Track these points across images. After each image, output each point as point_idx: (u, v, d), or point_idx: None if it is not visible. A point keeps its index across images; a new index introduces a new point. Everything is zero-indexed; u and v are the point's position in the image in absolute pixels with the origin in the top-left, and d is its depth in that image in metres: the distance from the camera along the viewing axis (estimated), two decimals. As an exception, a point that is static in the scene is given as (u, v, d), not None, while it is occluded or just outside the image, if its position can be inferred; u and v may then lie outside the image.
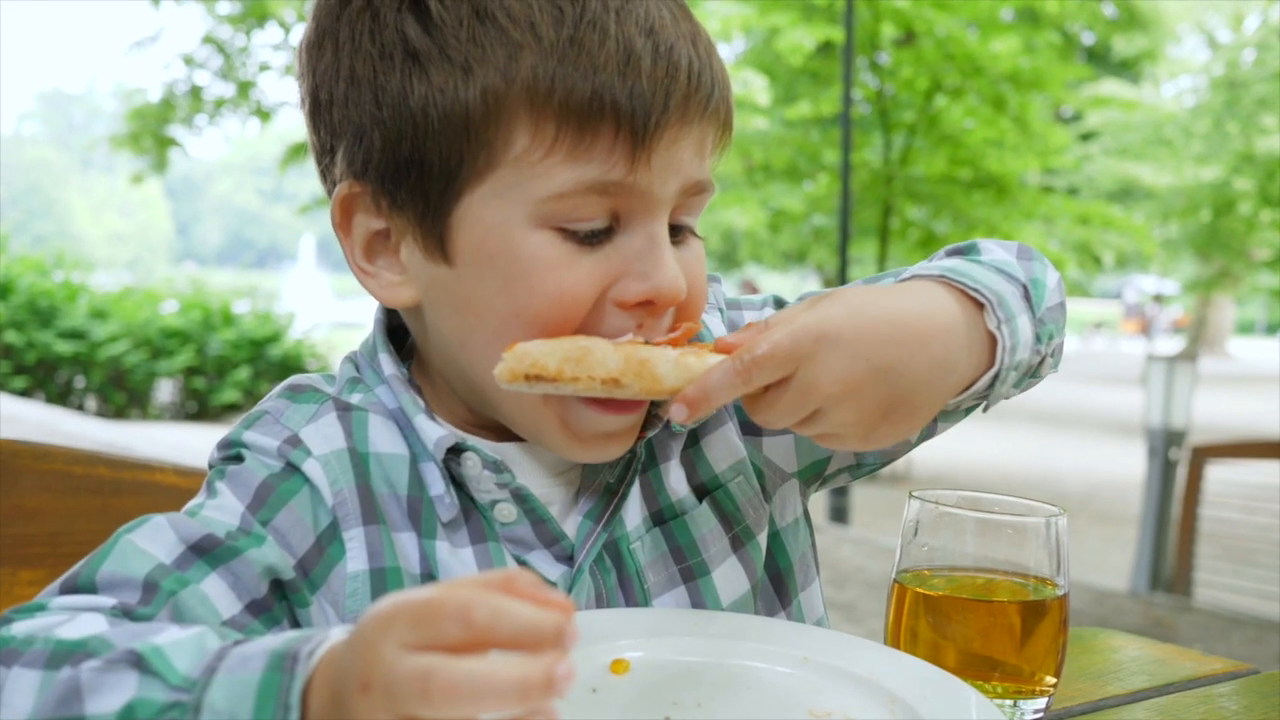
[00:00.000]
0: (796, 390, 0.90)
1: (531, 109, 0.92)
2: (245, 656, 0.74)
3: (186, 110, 13.31)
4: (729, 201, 14.12)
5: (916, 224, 13.81)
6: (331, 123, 0.99)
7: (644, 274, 0.95)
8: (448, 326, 1.01)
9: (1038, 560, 1.03)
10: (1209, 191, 18.85)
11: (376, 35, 0.96)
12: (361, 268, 1.02)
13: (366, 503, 1.01)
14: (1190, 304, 34.35)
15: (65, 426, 9.65)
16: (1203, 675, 1.19)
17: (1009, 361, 0.99)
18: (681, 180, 0.97)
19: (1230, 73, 18.48)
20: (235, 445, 1.03)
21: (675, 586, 1.09)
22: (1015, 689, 1.01)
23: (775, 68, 14.08)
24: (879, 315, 0.92)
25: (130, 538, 0.92)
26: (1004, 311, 0.98)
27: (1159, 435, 6.72)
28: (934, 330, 0.94)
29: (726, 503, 1.12)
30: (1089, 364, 30.48)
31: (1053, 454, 13.27)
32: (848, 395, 0.90)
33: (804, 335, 0.89)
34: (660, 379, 0.89)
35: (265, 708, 0.71)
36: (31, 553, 1.37)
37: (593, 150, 0.92)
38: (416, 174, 0.95)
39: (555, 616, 0.62)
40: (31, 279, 12.76)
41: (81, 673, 0.77)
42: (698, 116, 0.96)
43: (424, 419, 1.02)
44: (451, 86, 0.92)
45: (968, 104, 13.09)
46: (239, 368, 12.90)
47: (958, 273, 0.99)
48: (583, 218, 0.94)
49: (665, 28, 0.95)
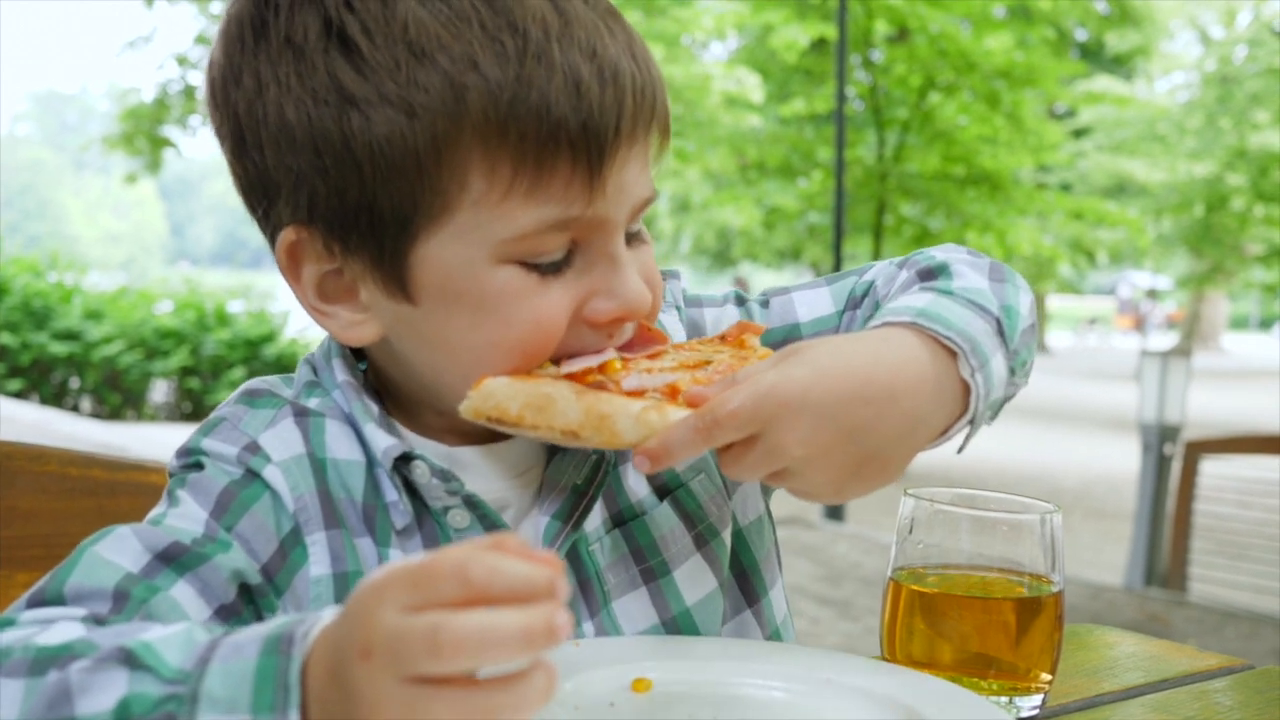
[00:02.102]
0: (762, 451, 0.88)
1: (485, 151, 0.89)
2: (238, 644, 0.74)
3: (180, 110, 13.29)
4: (723, 199, 14.13)
5: (911, 221, 13.82)
6: (263, 165, 0.94)
7: (611, 292, 0.95)
8: (419, 360, 1.00)
9: (1033, 557, 1.03)
10: (1202, 187, 18.89)
11: (306, 78, 0.90)
12: (317, 308, 0.98)
13: (327, 507, 1.00)
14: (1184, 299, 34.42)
15: (61, 428, 9.63)
16: (1197, 671, 1.19)
17: (982, 408, 0.97)
18: (633, 201, 0.96)
19: (1223, 68, 18.52)
20: (194, 453, 1.01)
21: (636, 588, 1.08)
22: (1011, 686, 1.01)
23: (769, 65, 14.10)
24: (847, 374, 0.90)
25: (95, 549, 0.91)
26: (977, 358, 0.95)
27: (1153, 430, 6.73)
28: (904, 386, 0.92)
29: (688, 501, 1.11)
30: (1083, 360, 30.52)
31: (1047, 450, 13.28)
32: (816, 457, 0.89)
33: (768, 399, 0.87)
34: (619, 434, 0.87)
35: (264, 692, 0.71)
36: (27, 555, 1.36)
37: (551, 186, 0.90)
38: (367, 220, 0.92)
39: (547, 570, 0.64)
40: (26, 280, 12.73)
41: (70, 674, 0.77)
42: (644, 133, 0.95)
43: (374, 427, 1.01)
44: (397, 132, 0.88)
45: (961, 100, 13.10)
46: (234, 368, 12.87)
47: (929, 317, 0.96)
48: (544, 252, 0.93)
49: (606, 47, 0.92)
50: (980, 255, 1.11)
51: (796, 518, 8.39)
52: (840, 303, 1.16)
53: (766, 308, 1.18)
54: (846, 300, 1.16)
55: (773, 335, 1.16)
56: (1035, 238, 13.76)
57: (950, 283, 1.04)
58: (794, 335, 1.16)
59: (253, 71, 0.93)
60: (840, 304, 1.16)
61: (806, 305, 1.17)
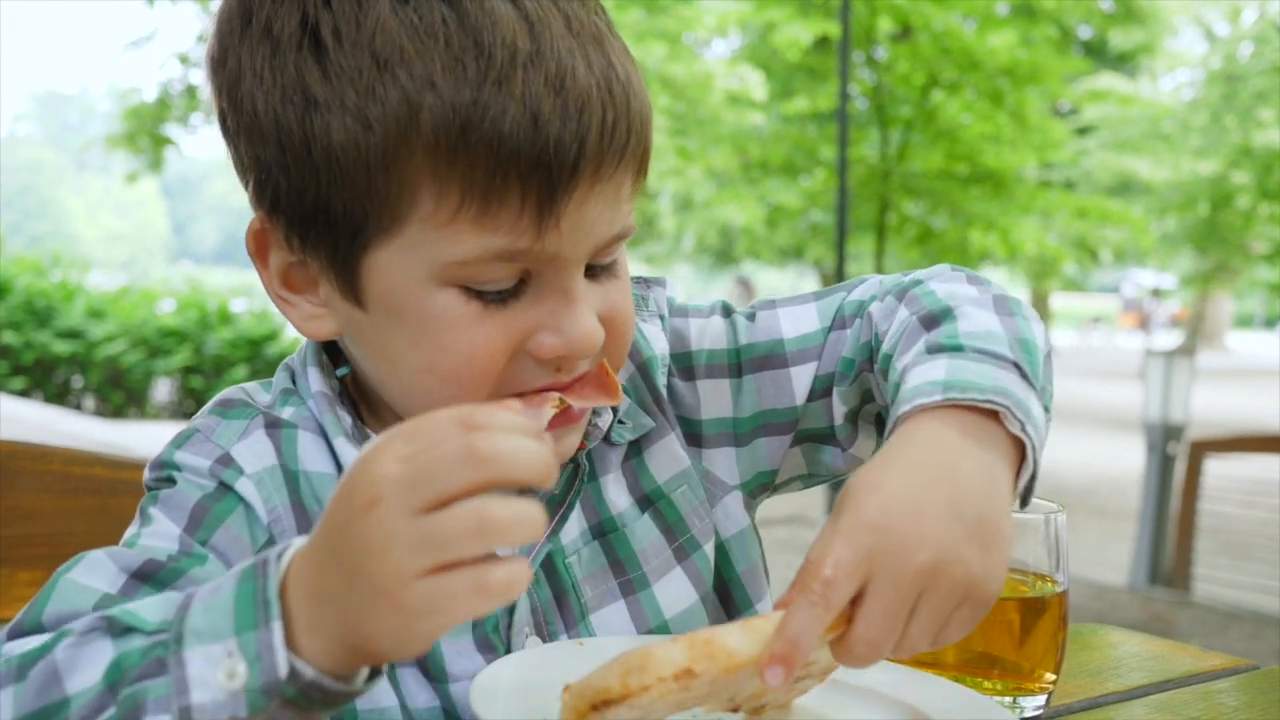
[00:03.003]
0: (881, 589, 0.79)
1: (434, 171, 0.86)
2: (215, 586, 0.77)
3: (182, 109, 13.27)
4: (725, 198, 14.11)
5: (914, 219, 13.81)
6: (240, 150, 0.95)
7: (559, 329, 0.92)
8: (368, 365, 1.00)
9: (1037, 557, 1.03)
10: (1207, 185, 18.84)
11: (277, 74, 0.89)
12: (281, 296, 0.98)
13: (301, 519, 0.99)
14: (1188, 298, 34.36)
15: (64, 426, 9.64)
16: (1201, 671, 1.19)
17: (1039, 458, 0.92)
18: (593, 241, 0.92)
19: (1228, 66, 18.47)
20: (167, 466, 1.00)
21: (615, 600, 1.07)
22: (1015, 686, 1.01)
23: (772, 63, 14.07)
24: (905, 469, 0.85)
25: (69, 577, 0.90)
26: (1021, 412, 0.90)
27: (1157, 430, 6.72)
28: (956, 452, 0.87)
29: (670, 513, 1.11)
30: (1087, 359, 30.48)
31: (1051, 449, 13.19)
32: (933, 551, 0.80)
33: (858, 529, 0.80)
34: (734, 652, 0.78)
35: (245, 614, 0.74)
36: (30, 554, 1.37)
37: (499, 218, 0.87)
38: (324, 222, 0.91)
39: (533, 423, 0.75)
40: (28, 279, 12.73)
41: (56, 656, 0.78)
42: (610, 171, 0.90)
43: (343, 441, 1.00)
44: (352, 141, 0.87)
45: (965, 99, 13.07)
46: (236, 366, 12.88)
47: (957, 388, 0.90)
48: (490, 280, 0.90)
49: (578, 80, 0.87)
50: (981, 281, 1.07)
51: (798, 516, 8.38)
52: (827, 320, 1.14)
53: (753, 321, 1.16)
54: (833, 318, 1.13)
55: (756, 350, 1.14)
56: (1039, 236, 13.74)
57: (957, 330, 0.98)
58: (778, 351, 1.14)
59: (236, 56, 0.93)
60: (827, 321, 1.14)
61: (792, 321, 1.15)
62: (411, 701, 0.99)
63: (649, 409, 1.13)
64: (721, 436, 1.15)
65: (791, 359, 1.13)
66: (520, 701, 0.89)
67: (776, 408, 1.14)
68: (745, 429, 1.15)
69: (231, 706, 0.73)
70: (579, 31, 0.90)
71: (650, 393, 1.13)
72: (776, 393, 1.13)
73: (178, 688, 0.74)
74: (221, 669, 0.73)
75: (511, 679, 0.92)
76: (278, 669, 0.73)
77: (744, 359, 1.15)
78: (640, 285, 1.18)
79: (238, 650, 0.73)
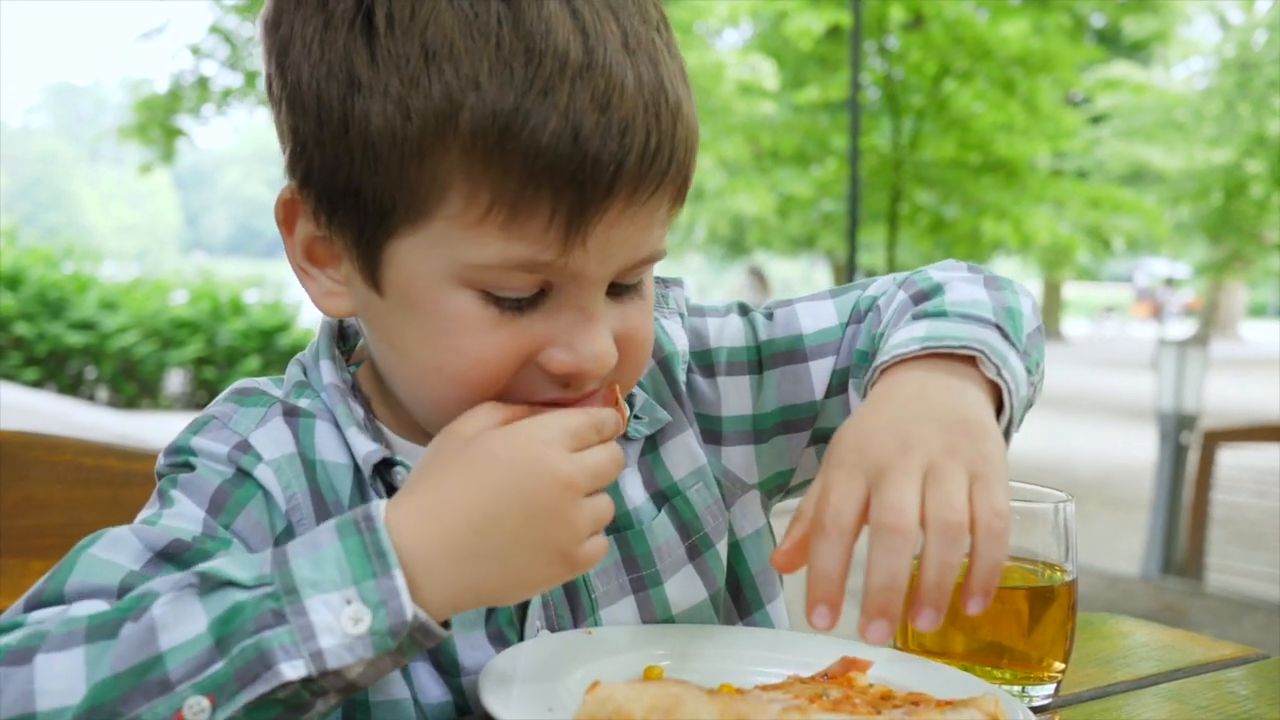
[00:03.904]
0: (885, 483, 0.82)
1: (467, 171, 0.85)
2: (310, 541, 0.82)
3: (194, 100, 13.30)
4: (737, 187, 14.10)
5: (926, 209, 13.77)
6: (281, 117, 0.94)
7: (570, 345, 0.91)
8: (378, 351, 1.00)
9: (1046, 546, 1.02)
10: (1220, 174, 18.75)
11: (326, 49, 0.88)
12: (302, 268, 0.98)
13: (319, 507, 1.00)
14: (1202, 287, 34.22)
15: (77, 417, 9.68)
16: (1212, 660, 1.18)
17: (1016, 403, 0.95)
18: (620, 262, 0.91)
19: (1242, 54, 18.35)
20: (183, 452, 1.00)
21: (625, 596, 1.07)
22: (1023, 675, 1.01)
23: (783, 52, 14.03)
24: (888, 398, 0.90)
25: (91, 551, 0.90)
26: (998, 358, 0.94)
27: (1170, 419, 6.69)
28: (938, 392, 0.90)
29: (685, 510, 1.11)
30: (1100, 348, 30.38)
31: (1064, 439, 13.23)
32: (929, 454, 0.83)
33: (844, 458, 0.85)
34: None
35: (360, 565, 0.80)
36: (43, 544, 1.38)
37: (526, 228, 0.86)
38: (352, 203, 0.90)
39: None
40: (41, 271, 12.78)
41: (153, 613, 0.80)
42: (646, 196, 0.88)
43: (355, 432, 1.00)
44: (390, 129, 0.86)
45: (977, 88, 13.02)
46: (249, 357, 12.92)
47: (935, 339, 0.94)
48: (509, 288, 0.89)
49: (625, 99, 0.86)
50: (979, 269, 1.09)
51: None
52: (844, 315, 1.15)
53: (771, 319, 1.17)
54: (850, 313, 1.14)
55: (776, 345, 1.15)
56: (1052, 225, 13.69)
57: (943, 301, 1.02)
58: (797, 346, 1.14)
59: (289, 23, 0.92)
60: (844, 317, 1.15)
61: (811, 317, 1.15)
62: (424, 696, 0.99)
63: (667, 404, 1.13)
64: (741, 434, 1.15)
65: (811, 354, 1.14)
66: (529, 690, 0.89)
67: (796, 403, 1.14)
68: (766, 425, 1.15)
69: (359, 649, 0.79)
70: (635, 49, 0.88)
71: (670, 388, 1.13)
72: (796, 388, 1.14)
73: (304, 634, 0.79)
74: (345, 615, 0.79)
75: (522, 668, 0.92)
76: (404, 612, 0.80)
77: (764, 355, 1.15)
78: (659, 285, 1.17)
79: (358, 598, 0.80)
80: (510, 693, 0.88)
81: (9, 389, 10.71)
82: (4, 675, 0.79)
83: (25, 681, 0.78)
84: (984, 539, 0.81)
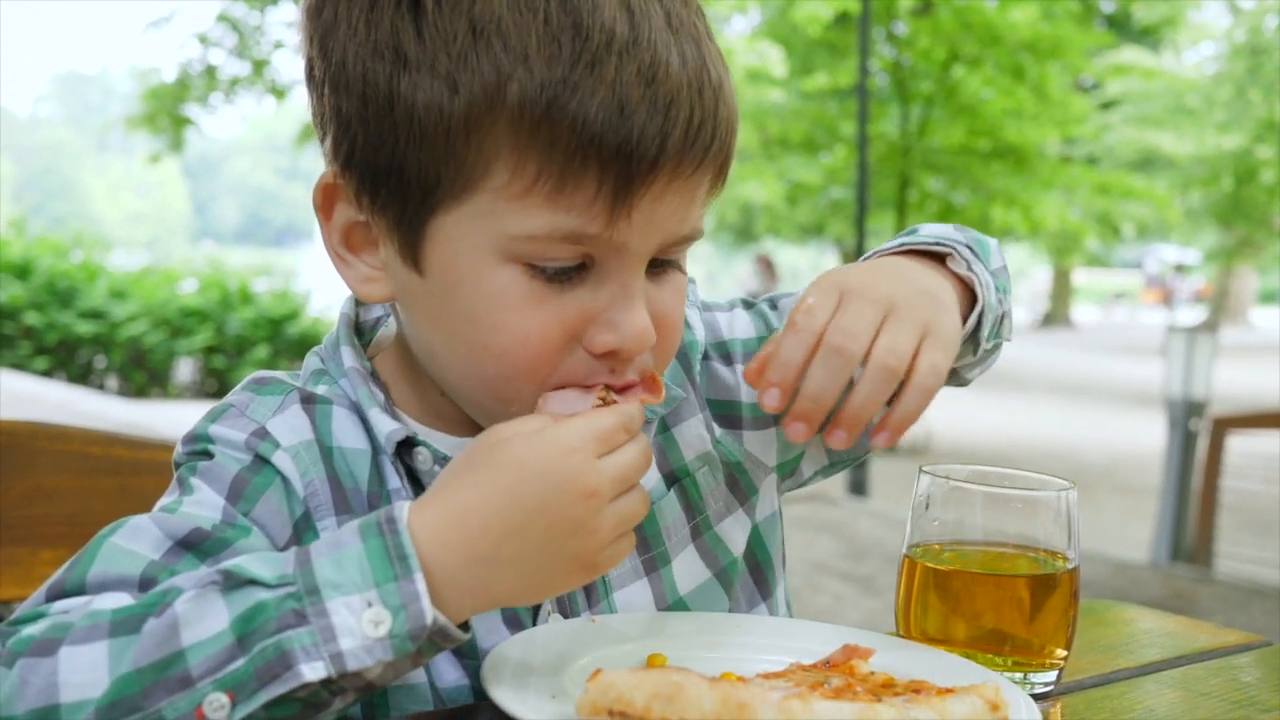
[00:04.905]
0: (852, 302, 0.94)
1: (515, 143, 0.87)
2: (334, 542, 0.83)
3: (202, 89, 13.31)
4: (746, 174, 14.08)
5: (934, 195, 13.74)
6: (323, 100, 0.95)
7: (612, 323, 0.92)
8: (419, 333, 1.00)
9: (1048, 533, 1.03)
10: (1231, 160, 18.64)
11: (373, 29, 0.90)
12: (339, 255, 0.99)
13: (337, 493, 1.00)
14: (1212, 274, 34.10)
15: (87, 406, 9.72)
16: (1217, 647, 1.18)
17: (988, 299, 1.06)
18: (662, 237, 0.93)
19: (1253, 39, 18.24)
20: (202, 440, 1.00)
21: (639, 579, 1.08)
22: (1025, 662, 1.01)
23: (792, 39, 14.00)
24: (863, 269, 1.02)
25: (113, 540, 0.91)
26: (965, 257, 1.06)
27: (1179, 406, 6.68)
28: (909, 269, 1.03)
29: (692, 491, 1.12)
30: (1110, 335, 30.32)
31: (1073, 426, 13.22)
32: (895, 299, 0.95)
33: (826, 282, 0.97)
34: None
35: (381, 568, 0.81)
36: (51, 533, 1.38)
37: (573, 198, 0.88)
38: (396, 180, 0.91)
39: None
40: (50, 260, 12.81)
41: (175, 609, 0.80)
42: (689, 170, 0.91)
43: (378, 412, 1.01)
44: (436, 103, 0.87)
45: (986, 74, 12.99)
46: (258, 346, 12.94)
47: (912, 241, 1.08)
48: (553, 259, 0.90)
49: (670, 75, 0.88)
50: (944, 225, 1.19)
51: (819, 494, 8.38)
52: None
53: (776, 309, 1.19)
54: None
55: None
56: (1061, 212, 13.67)
57: (917, 232, 1.14)
58: None
59: (333, 7, 0.93)
60: None
61: None
62: (440, 680, 1.00)
63: (681, 385, 1.14)
64: (759, 419, 1.16)
65: None
66: (533, 678, 0.89)
67: None
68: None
69: (379, 651, 0.80)
70: (678, 29, 0.91)
71: (685, 373, 1.15)
72: None
73: (324, 636, 0.79)
74: (366, 617, 0.80)
75: (526, 656, 0.93)
76: (424, 616, 0.81)
77: None
78: None
79: (378, 601, 0.80)
80: (514, 681, 0.88)
81: (15, 378, 10.75)
82: (29, 666, 0.80)
83: (49, 673, 0.79)
84: (913, 390, 0.93)
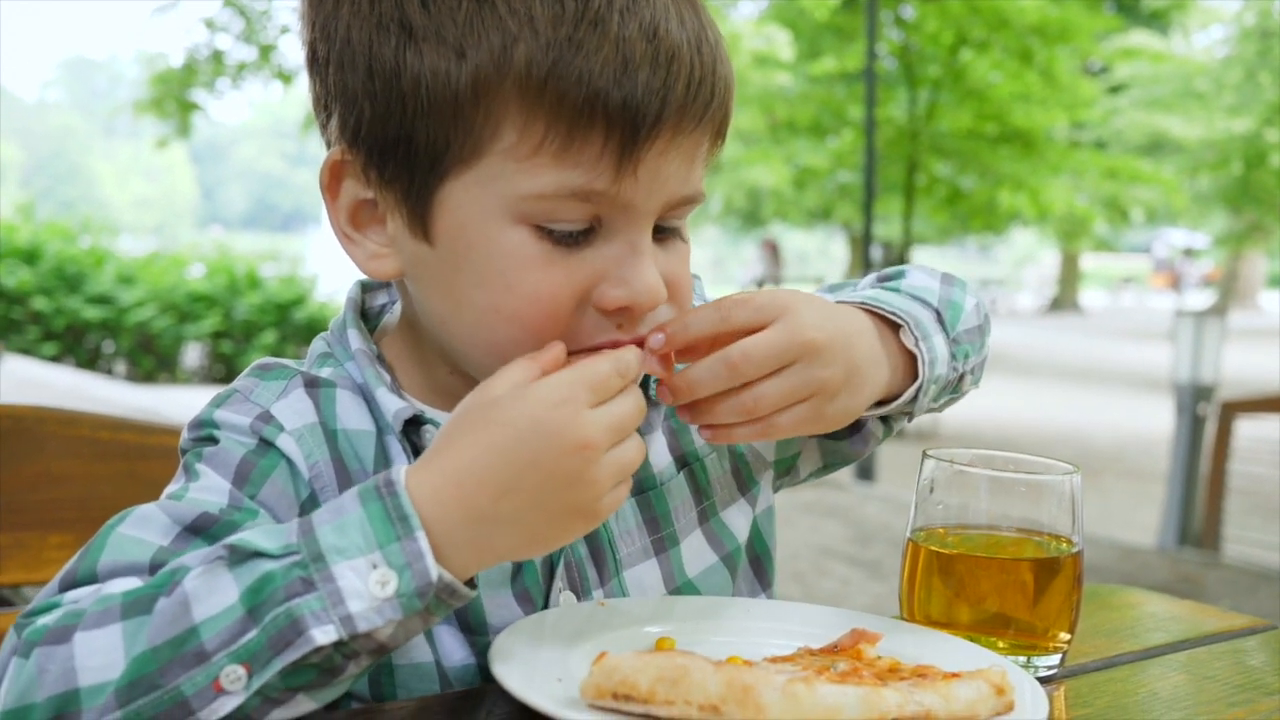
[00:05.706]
0: (776, 330, 0.95)
1: (522, 104, 0.89)
2: (335, 508, 0.84)
3: (209, 74, 13.29)
4: (753, 158, 14.06)
5: (942, 180, 13.71)
6: (327, 81, 0.97)
7: (622, 280, 0.94)
8: (430, 305, 1.01)
9: (1052, 517, 1.03)
10: (1240, 144, 18.55)
11: (376, 4, 0.92)
12: (346, 234, 1.00)
13: (341, 475, 1.01)
14: (1221, 258, 33.98)
15: (95, 391, 9.75)
16: (1222, 631, 1.18)
17: (929, 375, 1.05)
18: (667, 195, 0.95)
19: (1262, 22, 18.12)
20: (207, 425, 1.01)
21: (648, 558, 1.09)
22: (1029, 645, 1.01)
23: (799, 23, 13.95)
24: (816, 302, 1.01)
25: (121, 530, 0.92)
26: (920, 331, 1.05)
27: (1188, 390, 6.66)
28: (856, 330, 1.01)
29: (701, 475, 1.14)
30: (1118, 319, 30.26)
31: (1081, 410, 13.20)
32: (825, 349, 0.96)
33: (776, 293, 0.97)
34: (765, 707, 0.78)
35: (383, 530, 0.82)
36: (60, 517, 1.39)
37: (580, 155, 0.90)
38: (404, 151, 0.93)
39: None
40: (59, 245, 12.85)
41: (185, 587, 0.82)
42: (691, 127, 0.93)
43: (385, 392, 1.02)
44: (443, 69, 0.90)
45: (994, 57, 12.93)
46: (265, 331, 12.98)
47: (876, 301, 1.06)
48: (562, 219, 0.92)
49: (670, 32, 0.91)
50: (941, 272, 1.18)
51: (827, 479, 8.37)
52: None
53: None
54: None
55: None
56: (1069, 196, 13.63)
57: (900, 283, 1.14)
58: None
59: None
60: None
61: None
62: (447, 659, 1.00)
63: None
64: None
65: None
66: (539, 660, 0.90)
67: None
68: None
69: (388, 611, 0.82)
70: None
71: None
72: None
73: (333, 600, 0.81)
74: (372, 579, 0.81)
75: (533, 639, 0.93)
76: (429, 573, 0.82)
77: None
78: None
79: (383, 562, 0.82)
80: (520, 663, 0.89)
81: (23, 363, 10.79)
82: (45, 654, 0.81)
83: (66, 659, 0.81)
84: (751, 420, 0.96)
